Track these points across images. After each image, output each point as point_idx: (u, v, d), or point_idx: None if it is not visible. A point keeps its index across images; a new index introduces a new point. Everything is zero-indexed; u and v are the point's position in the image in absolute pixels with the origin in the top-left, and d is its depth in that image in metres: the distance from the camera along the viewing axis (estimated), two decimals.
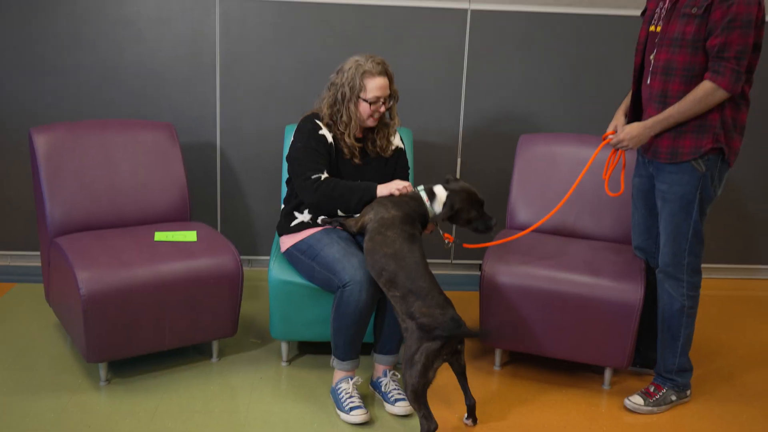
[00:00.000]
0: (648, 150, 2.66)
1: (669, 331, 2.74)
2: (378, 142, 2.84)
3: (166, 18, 3.60)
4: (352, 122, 2.74)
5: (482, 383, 2.90)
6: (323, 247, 2.69)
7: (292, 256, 2.81)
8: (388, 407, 2.67)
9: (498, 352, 3.02)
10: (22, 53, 3.59)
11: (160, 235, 2.94)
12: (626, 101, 2.80)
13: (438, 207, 2.69)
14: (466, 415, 2.61)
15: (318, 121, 2.77)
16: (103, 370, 2.75)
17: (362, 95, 2.70)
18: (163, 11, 3.59)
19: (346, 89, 2.71)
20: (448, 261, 4.00)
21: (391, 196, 2.65)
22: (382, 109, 2.75)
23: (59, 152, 3.01)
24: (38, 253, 3.74)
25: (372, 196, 2.67)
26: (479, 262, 3.91)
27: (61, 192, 2.97)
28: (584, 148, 3.28)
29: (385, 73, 2.73)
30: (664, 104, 2.55)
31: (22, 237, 3.80)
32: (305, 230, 2.79)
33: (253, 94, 3.71)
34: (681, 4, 2.50)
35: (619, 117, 2.78)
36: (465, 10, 3.68)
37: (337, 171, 2.77)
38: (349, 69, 2.72)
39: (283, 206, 2.92)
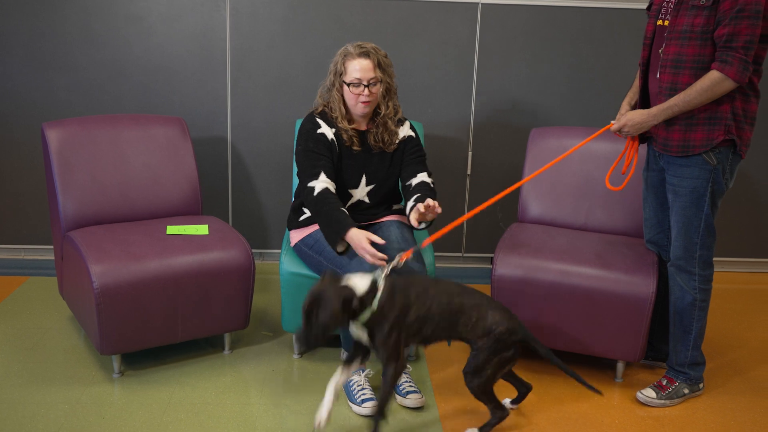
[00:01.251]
0: (659, 143, 2.65)
1: (681, 325, 2.73)
2: (378, 136, 2.80)
3: (176, 14, 3.61)
4: (338, 107, 2.73)
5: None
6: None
7: (300, 251, 2.82)
8: (400, 399, 2.67)
9: None
10: (33, 50, 3.61)
11: (172, 229, 2.95)
12: (631, 93, 2.79)
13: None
14: (514, 399, 2.67)
15: (317, 118, 2.76)
16: (116, 363, 2.77)
17: (345, 78, 2.69)
18: (174, 7, 3.61)
19: (332, 75, 2.74)
20: (459, 254, 4.00)
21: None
22: (365, 92, 2.69)
23: (72, 147, 3.02)
24: (51, 246, 3.77)
25: (338, 237, 2.56)
26: (490, 255, 3.91)
27: (73, 186, 2.99)
28: (595, 142, 3.25)
29: (368, 55, 2.69)
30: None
31: (36, 231, 3.83)
32: (313, 225, 2.80)
33: (264, 89, 3.72)
34: None
35: (625, 108, 2.77)
36: (476, 4, 3.67)
37: (341, 163, 2.76)
38: (337, 55, 2.74)
39: (293, 200, 2.93)
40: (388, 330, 2.29)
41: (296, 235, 2.84)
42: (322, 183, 2.66)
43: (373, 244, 2.54)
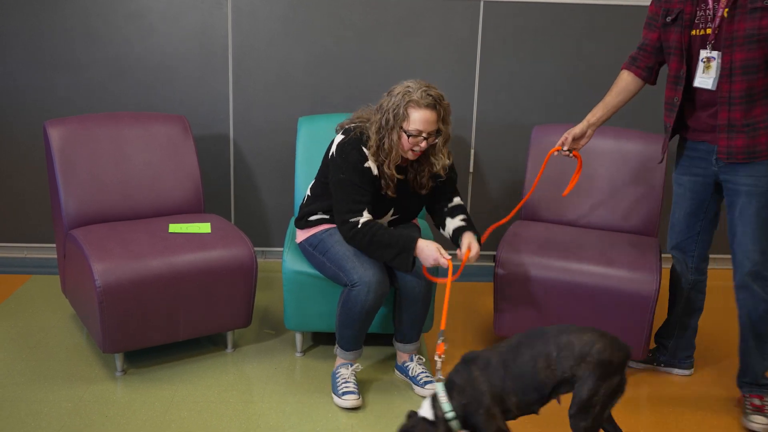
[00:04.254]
0: (722, 152, 2.51)
1: (758, 336, 2.61)
2: (417, 179, 2.69)
3: (177, 12, 3.62)
4: (393, 152, 2.57)
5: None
6: (334, 243, 2.69)
7: (304, 250, 2.82)
8: (418, 390, 2.70)
9: None
10: (34, 49, 3.62)
11: (174, 227, 2.96)
12: (601, 111, 2.76)
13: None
14: None
15: (364, 149, 2.60)
16: (119, 361, 2.78)
17: (404, 125, 2.53)
18: (174, 5, 3.61)
19: (390, 116, 2.54)
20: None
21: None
22: (423, 144, 2.56)
23: (73, 145, 3.03)
24: (54, 245, 3.77)
25: (409, 256, 2.54)
26: (493, 252, 3.91)
27: (75, 184, 2.99)
28: (599, 139, 3.26)
29: (435, 107, 2.53)
30: (751, 103, 2.45)
31: (38, 229, 3.84)
32: (319, 225, 2.80)
33: (266, 87, 3.72)
34: (744, 1, 2.40)
35: (584, 124, 2.74)
36: (478, 2, 3.67)
37: (377, 200, 2.67)
38: (398, 94, 2.55)
39: (307, 197, 2.86)
40: (481, 421, 2.12)
41: (302, 234, 2.84)
42: (364, 219, 2.59)
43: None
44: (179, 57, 3.66)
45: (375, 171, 2.62)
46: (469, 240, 2.65)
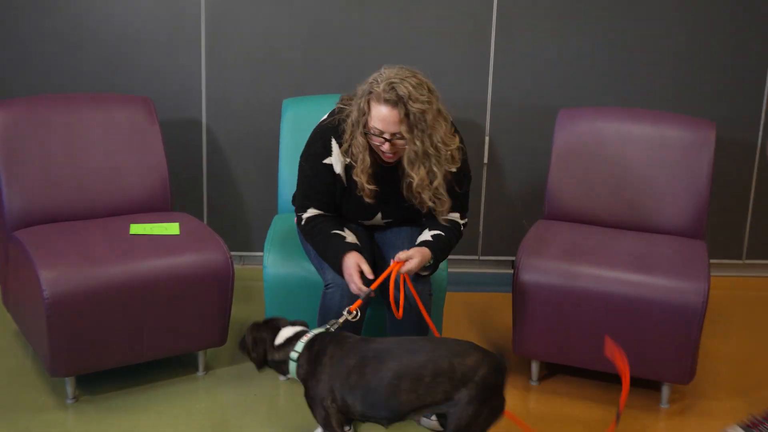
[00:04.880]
0: None
1: None
2: (417, 196, 2.61)
3: None
4: (362, 157, 2.55)
5: (517, 400, 2.88)
6: None
7: (300, 237, 2.87)
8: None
9: (535, 365, 3.01)
10: None
11: (136, 228, 2.95)
12: None
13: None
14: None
15: (333, 141, 2.60)
16: (70, 386, 2.76)
17: (368, 121, 2.51)
18: None
19: (356, 110, 2.53)
20: (475, 257, 3.99)
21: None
22: (386, 147, 2.50)
23: (18, 132, 3.02)
24: None
25: (337, 266, 2.56)
26: (512, 258, 3.89)
27: (20, 178, 2.98)
28: (634, 124, 3.27)
29: (395, 105, 2.43)
30: None
31: None
32: None
33: (245, 63, 3.71)
34: None
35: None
36: None
37: (350, 196, 2.66)
38: (367, 83, 2.52)
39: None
40: (309, 401, 2.37)
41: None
42: (310, 214, 2.67)
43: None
44: (143, 27, 3.64)
45: (338, 169, 2.62)
46: (414, 254, 2.54)
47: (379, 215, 2.76)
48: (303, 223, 2.68)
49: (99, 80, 3.67)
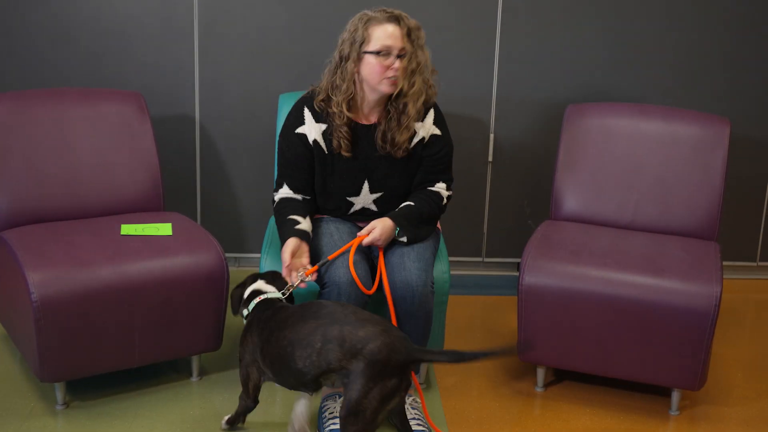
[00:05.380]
0: None
1: None
2: (387, 134, 2.74)
3: None
4: (346, 88, 2.68)
5: (522, 407, 2.89)
6: (315, 236, 2.76)
7: None
8: None
9: (541, 371, 3.02)
10: None
11: (127, 228, 2.95)
12: None
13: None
14: None
15: (306, 109, 2.76)
16: (59, 392, 2.77)
17: (367, 48, 2.65)
18: None
19: (346, 46, 2.68)
20: (479, 259, 4.00)
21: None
22: (396, 64, 2.64)
23: (5, 128, 3.03)
24: None
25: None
26: (517, 260, 3.91)
27: (6, 177, 2.99)
28: (645, 121, 3.28)
29: (398, 21, 2.66)
30: None
31: None
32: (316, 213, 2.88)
33: (240, 56, 3.72)
34: None
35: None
36: None
37: (332, 167, 2.76)
38: (352, 22, 2.70)
39: None
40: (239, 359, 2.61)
41: None
42: (281, 195, 2.79)
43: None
44: (134, 19, 3.65)
45: (313, 136, 2.74)
46: (375, 224, 2.71)
47: (366, 186, 2.79)
48: (274, 205, 2.79)
49: (88, 74, 3.67)
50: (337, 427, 2.61)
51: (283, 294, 2.59)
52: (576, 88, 3.80)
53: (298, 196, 2.78)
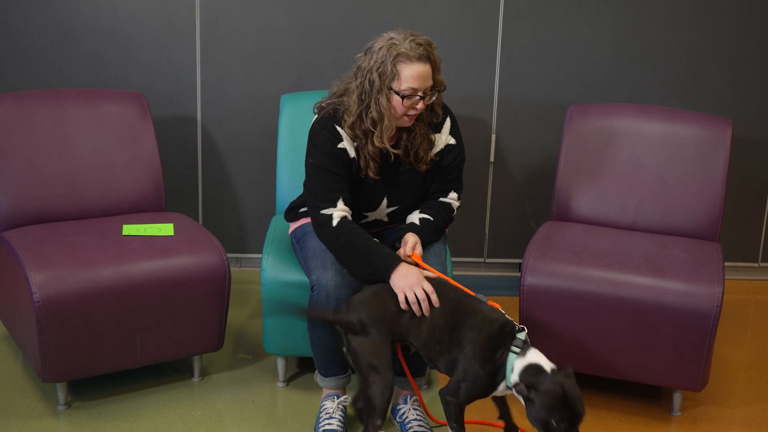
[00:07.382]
0: None
1: None
2: (411, 150, 2.68)
3: None
4: (385, 121, 2.57)
5: (522, 407, 2.89)
6: (311, 237, 2.73)
7: (292, 244, 2.89)
8: None
9: None
10: None
11: (129, 229, 2.96)
12: None
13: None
14: None
15: (338, 127, 2.63)
16: (61, 392, 2.77)
17: (394, 85, 2.53)
18: None
19: (375, 76, 2.53)
20: (480, 260, 4.00)
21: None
22: (420, 106, 2.57)
23: (6, 129, 3.03)
24: None
25: (384, 278, 2.53)
26: (519, 261, 3.91)
27: (8, 177, 3.00)
28: (646, 121, 3.27)
29: (428, 58, 2.55)
30: None
31: None
32: (308, 216, 2.83)
33: (241, 57, 3.72)
34: None
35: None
36: None
37: (358, 184, 2.69)
38: (380, 49, 2.54)
39: (296, 198, 2.91)
40: None
41: (291, 227, 2.92)
42: (339, 212, 2.60)
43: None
44: (135, 19, 3.66)
45: (352, 153, 2.65)
46: (408, 238, 2.68)
47: (385, 201, 2.77)
48: (335, 225, 2.58)
49: (89, 75, 3.67)
50: (332, 426, 2.62)
51: None
52: (578, 89, 3.80)
53: (350, 214, 2.65)
